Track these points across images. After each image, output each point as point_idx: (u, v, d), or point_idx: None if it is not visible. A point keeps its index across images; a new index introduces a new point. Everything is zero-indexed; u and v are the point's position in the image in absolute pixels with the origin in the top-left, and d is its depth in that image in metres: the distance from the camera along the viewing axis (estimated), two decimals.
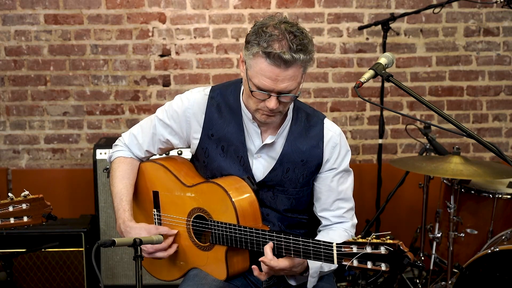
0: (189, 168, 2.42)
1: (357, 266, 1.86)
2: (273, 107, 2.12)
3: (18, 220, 2.19)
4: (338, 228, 2.32)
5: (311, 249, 2.00)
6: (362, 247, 1.84)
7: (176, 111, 2.34)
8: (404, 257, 1.78)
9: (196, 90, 2.36)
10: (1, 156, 4.35)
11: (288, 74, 2.06)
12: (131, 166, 2.43)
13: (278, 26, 2.06)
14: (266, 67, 2.06)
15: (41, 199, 2.21)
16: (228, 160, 2.29)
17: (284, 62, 2.04)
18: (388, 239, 1.82)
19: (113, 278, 3.83)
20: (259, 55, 2.06)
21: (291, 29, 2.06)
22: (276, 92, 2.10)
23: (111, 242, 2.02)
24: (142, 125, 2.43)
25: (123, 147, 2.46)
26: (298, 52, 2.04)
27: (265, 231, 2.12)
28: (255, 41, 2.07)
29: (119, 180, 2.39)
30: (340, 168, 2.31)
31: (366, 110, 4.42)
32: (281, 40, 2.04)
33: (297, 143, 2.28)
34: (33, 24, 4.24)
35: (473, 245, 3.45)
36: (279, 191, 2.30)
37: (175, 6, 4.27)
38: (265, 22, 2.10)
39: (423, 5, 4.23)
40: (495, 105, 4.45)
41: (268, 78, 2.07)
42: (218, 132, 2.30)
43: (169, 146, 2.42)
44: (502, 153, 2.00)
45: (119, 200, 2.35)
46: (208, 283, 2.25)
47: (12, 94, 4.30)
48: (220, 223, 2.20)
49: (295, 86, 2.11)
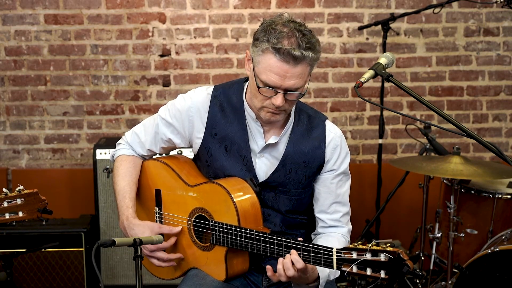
0: (192, 168, 2.42)
1: (356, 272, 1.86)
2: (279, 104, 2.12)
3: (13, 216, 2.18)
4: (336, 234, 2.32)
5: (311, 253, 2.00)
6: (362, 254, 1.85)
7: (179, 110, 2.34)
8: (404, 265, 1.78)
9: (199, 89, 2.36)
10: (1, 156, 4.35)
11: (296, 71, 2.08)
12: (133, 164, 2.43)
13: (287, 24, 2.09)
14: (275, 63, 2.07)
15: (36, 193, 2.20)
16: (231, 159, 2.30)
17: (293, 59, 2.05)
18: (389, 246, 1.82)
19: (113, 278, 3.83)
20: (269, 51, 2.07)
21: (300, 28, 2.08)
22: (283, 89, 2.11)
23: (111, 242, 2.02)
24: (145, 124, 2.44)
25: (125, 146, 2.46)
26: (307, 49, 2.06)
27: (265, 234, 2.11)
28: (265, 38, 2.08)
29: (122, 178, 2.39)
30: (339, 170, 2.32)
31: (366, 110, 4.42)
32: (290, 37, 2.06)
33: (299, 145, 2.28)
34: (33, 24, 4.24)
35: (473, 245, 3.45)
36: (281, 192, 2.30)
37: (175, 6, 4.27)
38: (274, 20, 2.12)
39: (423, 5, 4.23)
40: (495, 105, 4.45)
41: (276, 74, 2.08)
42: (221, 131, 2.30)
43: (171, 145, 2.42)
44: (502, 153, 2.00)
45: (122, 197, 2.35)
46: (208, 283, 2.25)
47: (12, 94, 4.30)
48: (221, 224, 2.20)
49: (301, 84, 2.12)
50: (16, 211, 2.18)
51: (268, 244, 2.10)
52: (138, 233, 2.24)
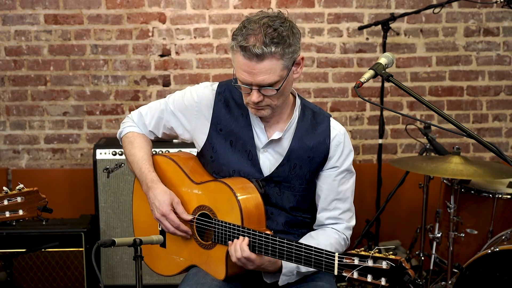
0: (197, 165, 2.43)
1: (357, 278, 1.87)
2: (255, 100, 2.16)
3: (13, 214, 2.19)
4: (330, 229, 2.33)
5: (312, 257, 2.01)
6: (364, 260, 1.85)
7: (185, 104, 2.39)
8: (405, 274, 1.78)
9: (204, 85, 2.40)
10: (1, 156, 4.35)
11: (263, 67, 2.10)
12: (146, 140, 2.47)
13: (259, 21, 2.12)
14: (242, 60, 2.13)
15: (36, 192, 2.21)
16: (237, 154, 2.31)
17: (256, 56, 2.09)
18: (391, 254, 1.83)
19: (113, 278, 3.83)
20: (237, 50, 2.14)
21: (271, 23, 2.10)
22: (256, 85, 2.14)
23: (111, 242, 2.02)
24: (151, 106, 2.48)
25: (133, 124, 2.50)
26: (271, 45, 2.08)
27: (268, 235, 2.11)
28: (235, 37, 2.15)
29: (139, 149, 2.42)
30: (342, 167, 2.32)
31: (366, 110, 4.42)
32: (257, 34, 2.10)
33: (304, 140, 2.29)
34: (33, 24, 4.24)
35: (473, 245, 3.45)
36: (285, 187, 2.30)
37: (175, 6, 4.27)
38: (250, 18, 2.17)
39: (423, 5, 4.23)
40: (495, 105, 4.45)
41: (245, 71, 2.13)
42: (226, 126, 2.32)
43: (173, 133, 2.46)
44: (502, 153, 2.00)
45: (143, 163, 2.38)
46: (208, 282, 2.25)
47: (12, 94, 4.30)
48: (224, 223, 2.20)
49: (274, 79, 2.13)
50: (16, 209, 2.19)
51: (270, 245, 2.11)
52: (157, 195, 2.28)
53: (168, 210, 2.27)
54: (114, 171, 3.76)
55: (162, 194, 2.29)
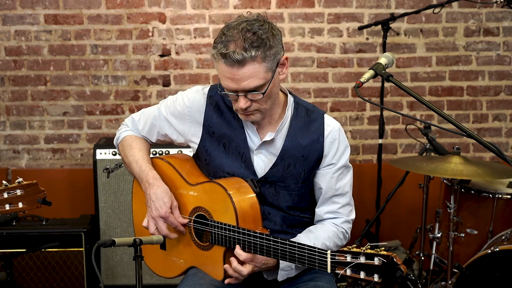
0: (193, 167, 2.44)
1: (350, 275, 1.87)
2: (242, 106, 2.15)
3: (13, 207, 2.20)
4: (329, 223, 2.33)
5: (306, 255, 2.01)
6: (356, 257, 1.85)
7: (177, 109, 2.38)
8: (397, 270, 1.79)
9: (195, 89, 2.39)
10: (1, 156, 4.35)
11: (245, 72, 2.09)
12: (144, 142, 2.48)
13: (237, 26, 2.10)
14: (224, 68, 2.11)
15: (35, 184, 2.22)
16: (230, 157, 2.31)
17: (237, 62, 2.07)
18: (383, 250, 1.83)
19: (113, 278, 3.83)
20: (218, 58, 2.12)
21: (249, 27, 2.09)
22: (241, 91, 2.13)
23: (111, 242, 2.02)
24: (143, 112, 2.48)
25: (130, 128, 2.51)
26: (250, 49, 2.07)
27: (263, 234, 2.12)
28: (215, 44, 2.12)
29: (138, 150, 2.42)
30: (339, 164, 2.32)
31: (366, 110, 4.42)
32: (237, 40, 2.08)
33: (297, 138, 2.29)
34: (33, 24, 4.24)
35: (473, 245, 3.45)
36: (281, 187, 2.30)
37: (175, 6, 4.27)
38: (229, 24, 2.14)
39: (423, 5, 4.23)
40: (495, 105, 4.45)
41: (228, 78, 2.12)
42: (219, 130, 2.32)
43: (167, 139, 2.47)
44: (502, 153, 2.00)
45: (143, 161, 2.38)
46: (207, 283, 2.25)
47: (12, 94, 4.30)
48: (220, 224, 2.20)
49: (258, 82, 2.12)
50: (16, 202, 2.20)
51: (265, 244, 2.11)
52: (159, 195, 2.27)
53: (167, 212, 2.27)
54: (114, 171, 3.76)
55: (163, 194, 2.29)
